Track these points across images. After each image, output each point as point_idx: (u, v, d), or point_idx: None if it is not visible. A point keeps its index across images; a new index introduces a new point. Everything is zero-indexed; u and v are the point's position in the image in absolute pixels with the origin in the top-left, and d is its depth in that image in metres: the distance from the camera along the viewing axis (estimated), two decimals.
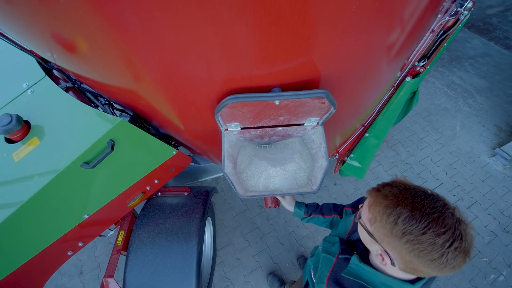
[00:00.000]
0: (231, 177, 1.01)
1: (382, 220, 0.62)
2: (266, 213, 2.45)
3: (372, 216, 0.65)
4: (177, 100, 0.91)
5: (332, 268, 0.84)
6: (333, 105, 0.86)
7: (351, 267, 0.79)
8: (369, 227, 0.68)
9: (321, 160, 1.07)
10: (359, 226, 0.76)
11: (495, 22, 4.24)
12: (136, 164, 1.23)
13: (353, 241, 0.91)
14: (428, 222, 0.56)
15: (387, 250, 0.64)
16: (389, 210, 0.61)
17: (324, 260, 0.91)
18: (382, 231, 0.62)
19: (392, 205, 0.61)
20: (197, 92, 0.82)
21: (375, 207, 0.65)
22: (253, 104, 0.83)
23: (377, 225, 0.64)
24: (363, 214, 0.72)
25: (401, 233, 0.58)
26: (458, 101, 3.25)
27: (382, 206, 0.62)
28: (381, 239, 0.64)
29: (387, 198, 0.63)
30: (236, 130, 1.07)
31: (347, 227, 0.96)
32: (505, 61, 3.68)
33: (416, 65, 1.48)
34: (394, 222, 0.59)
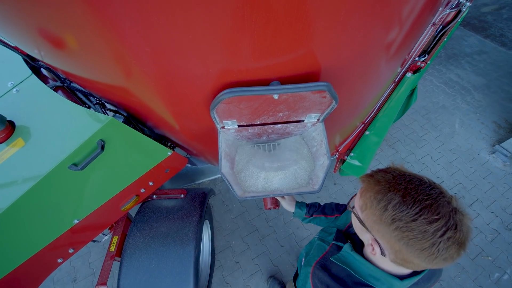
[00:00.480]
0: (228, 177, 0.96)
1: (372, 206, 0.58)
2: (265, 215, 2.40)
3: (363, 203, 0.62)
4: (170, 96, 0.86)
5: (323, 254, 0.82)
6: (334, 99, 0.82)
7: (341, 254, 0.77)
8: (360, 215, 0.64)
9: (322, 158, 1.02)
10: (352, 215, 0.72)
11: (490, 20, 4.26)
12: (129, 166, 1.17)
13: (350, 233, 0.87)
14: (419, 208, 0.52)
15: (377, 239, 0.60)
16: (380, 196, 0.57)
17: (317, 247, 0.89)
18: (372, 218, 0.59)
19: (384, 190, 0.57)
20: (191, 87, 0.77)
21: (366, 193, 0.61)
22: (251, 98, 0.79)
23: (367, 212, 0.60)
24: (355, 202, 0.68)
25: (391, 220, 0.54)
26: (456, 99, 3.23)
27: (373, 191, 0.58)
28: (371, 226, 0.60)
29: (379, 183, 0.59)
30: (233, 128, 1.02)
31: (348, 220, 0.93)
32: (502, 58, 3.68)
33: (416, 60, 1.45)
34: (384, 208, 0.55)
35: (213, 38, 0.61)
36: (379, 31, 0.81)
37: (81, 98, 1.29)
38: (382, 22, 0.78)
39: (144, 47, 0.63)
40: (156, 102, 0.92)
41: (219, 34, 0.60)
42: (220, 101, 0.75)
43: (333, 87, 0.76)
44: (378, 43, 0.86)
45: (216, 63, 0.68)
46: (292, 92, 0.73)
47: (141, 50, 0.63)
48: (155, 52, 0.64)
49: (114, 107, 1.36)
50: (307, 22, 0.61)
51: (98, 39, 0.64)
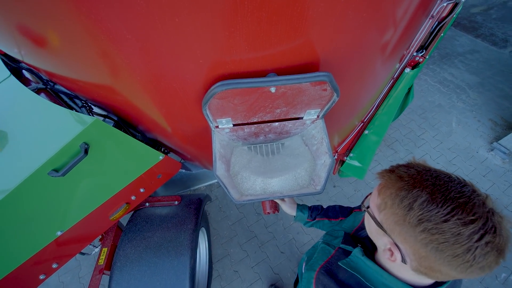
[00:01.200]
0: (224, 180, 0.89)
1: (394, 205, 0.51)
2: (264, 220, 2.32)
3: (381, 201, 0.54)
4: (159, 93, 0.79)
5: (328, 258, 0.75)
6: (336, 92, 0.76)
7: (351, 259, 0.69)
8: (378, 215, 0.56)
9: (323, 156, 0.96)
10: (366, 216, 0.64)
11: (480, 20, 4.32)
12: (118, 171, 1.09)
13: (360, 237, 0.81)
14: (452, 207, 0.45)
15: (397, 243, 0.53)
16: (403, 193, 0.50)
17: (321, 250, 0.81)
18: (392, 219, 0.51)
19: (407, 187, 0.50)
20: (180, 81, 0.71)
21: (386, 190, 0.53)
22: (246, 92, 0.73)
23: (387, 211, 0.53)
24: (371, 201, 0.61)
25: (417, 220, 0.47)
26: (451, 97, 3.23)
27: (395, 188, 0.51)
28: (391, 228, 0.53)
29: (401, 179, 0.52)
30: (227, 128, 0.96)
31: (355, 223, 0.86)
32: (493, 56, 3.71)
33: (415, 55, 1.42)
34: (408, 207, 0.48)
35: (203, 24, 0.55)
36: (379, 20, 0.76)
37: (66, 101, 1.21)
38: (383, 11, 0.73)
39: (127, 36, 0.56)
40: (144, 100, 0.85)
41: (210, 20, 0.54)
42: (212, 95, 0.69)
43: (334, 79, 0.70)
44: (379, 33, 0.82)
45: (207, 53, 0.62)
46: (290, 83, 0.68)
47: (124, 38, 0.57)
48: (139, 41, 0.57)
49: (103, 111, 1.29)
50: (306, 7, 0.55)
51: (81, 33, 0.58)
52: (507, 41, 3.94)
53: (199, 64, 0.64)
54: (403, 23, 0.87)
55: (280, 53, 0.67)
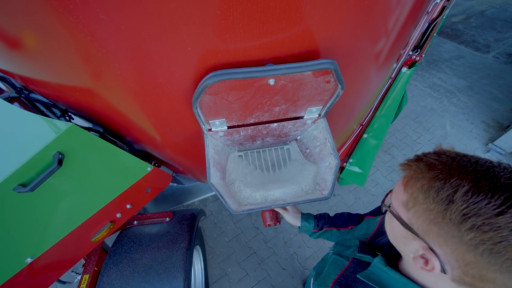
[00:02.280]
0: (219, 189, 0.79)
1: (428, 199, 0.41)
2: (263, 235, 2.18)
3: (410, 197, 0.45)
4: (143, 92, 0.70)
5: (342, 271, 0.64)
6: (340, 83, 0.69)
7: (371, 270, 0.59)
8: (405, 215, 0.47)
9: (328, 158, 0.88)
10: (388, 218, 0.54)
11: (461, 28, 4.49)
12: (99, 185, 0.98)
13: (378, 245, 0.71)
14: (506, 196, 0.35)
15: (434, 248, 0.43)
16: (439, 184, 0.40)
17: (333, 262, 0.70)
18: (426, 217, 0.42)
19: (443, 176, 0.41)
20: (167, 75, 0.62)
21: (415, 182, 0.44)
22: (242, 86, 0.65)
23: (418, 208, 0.43)
24: (394, 199, 0.51)
25: (461, 216, 0.37)
26: (443, 101, 3.26)
27: (427, 179, 0.42)
28: (424, 230, 0.43)
29: (433, 168, 0.42)
30: (221, 131, 0.87)
31: (369, 230, 0.76)
32: (478, 61, 3.82)
33: (410, 54, 1.39)
34: (447, 200, 0.39)
35: (190, 5, 0.47)
36: (381, 11, 0.71)
37: (43, 111, 1.11)
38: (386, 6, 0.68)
39: (100, 16, 0.48)
40: (127, 102, 0.76)
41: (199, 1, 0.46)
42: (204, 89, 0.60)
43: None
44: (381, 23, 0.76)
45: (196, 37, 0.54)
46: (292, 72, 0.60)
47: (97, 19, 0.48)
48: (114, 22, 0.49)
49: (88, 123, 1.18)
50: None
51: (61, 34, 0.50)
52: (489, 46, 4.08)
53: (187, 53, 0.56)
54: (403, 16, 0.82)
55: (280, 40, 0.59)
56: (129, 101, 0.74)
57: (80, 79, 0.68)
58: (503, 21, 4.65)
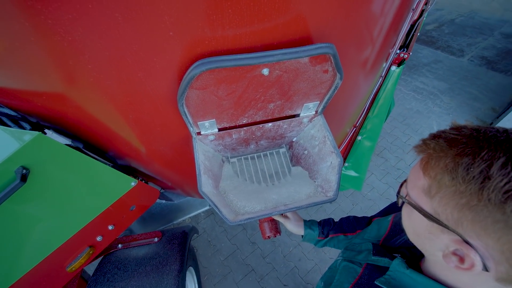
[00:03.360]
0: (212, 198, 0.70)
1: (456, 179, 0.34)
2: (260, 250, 2.05)
3: (432, 181, 0.38)
4: (122, 93, 0.62)
5: (356, 279, 0.56)
6: (339, 72, 0.64)
7: (390, 275, 0.50)
8: (428, 205, 0.39)
9: (329, 157, 0.81)
10: (406, 212, 0.46)
11: (436, 35, 4.73)
12: (74, 204, 0.86)
13: (392, 247, 0.63)
14: None
15: (469, 240, 0.35)
16: (467, 159, 0.33)
17: (344, 270, 0.62)
18: (456, 202, 0.34)
19: (470, 150, 0.34)
20: (146, 68, 0.55)
21: (437, 163, 0.37)
22: (233, 78, 0.58)
23: (444, 193, 0.36)
24: (411, 188, 0.43)
25: (502, 194, 0.31)
26: (427, 103, 3.33)
27: (450, 156, 0.35)
28: (455, 219, 0.35)
29: (456, 143, 0.36)
30: (212, 134, 0.79)
31: (381, 231, 0.68)
32: (455, 64, 3.99)
33: (398, 52, 1.39)
34: (482, 177, 0.32)
35: None
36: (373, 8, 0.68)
37: (10, 126, 0.99)
38: None
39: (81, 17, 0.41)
40: (104, 105, 0.67)
41: None
42: (190, 81, 0.53)
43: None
44: (374, 15, 0.73)
45: (179, 22, 0.47)
46: (288, 58, 0.54)
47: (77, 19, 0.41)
48: (82, 3, 0.42)
49: (66, 140, 1.07)
50: None
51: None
52: (463, 51, 4.30)
53: (169, 39, 0.49)
54: (392, 12, 0.80)
55: (274, 25, 0.54)
56: (105, 104, 0.65)
57: (42, 79, 0.60)
58: (472, 28, 4.94)
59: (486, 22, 5.11)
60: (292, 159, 1.01)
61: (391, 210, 0.76)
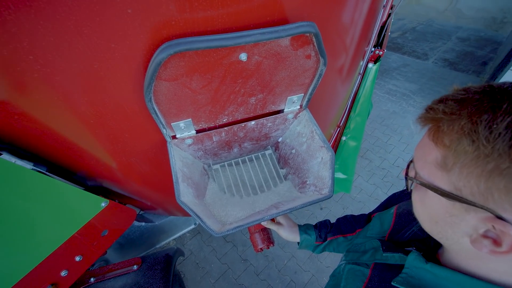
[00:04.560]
0: (194, 208, 0.61)
1: (478, 141, 0.28)
2: (253, 267, 1.92)
3: (447, 150, 0.32)
4: (79, 90, 0.53)
5: (366, 283, 0.49)
6: (322, 56, 0.59)
7: (408, 273, 0.43)
8: (445, 181, 0.33)
9: (319, 153, 0.75)
10: (417, 198, 0.40)
11: (401, 42, 5.04)
12: (29, 234, 0.72)
13: (401, 242, 0.55)
14: None
15: (504, 215, 0.29)
16: (487, 115, 0.28)
17: (350, 274, 0.55)
18: (481, 168, 0.28)
19: (488, 105, 0.29)
20: (106, 59, 0.46)
21: (450, 127, 0.31)
22: (207, 65, 0.51)
23: (464, 161, 0.30)
24: (421, 166, 0.37)
25: None
26: (402, 104, 3.46)
27: (465, 116, 0.30)
28: (483, 191, 0.29)
29: (468, 102, 0.31)
30: (189, 137, 0.71)
31: (384, 226, 0.61)
32: (422, 67, 4.24)
33: (373, 50, 1.41)
34: (510, 132, 0.27)
35: None
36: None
37: None
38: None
39: None
40: (58, 109, 0.57)
41: None
42: (157, 68, 0.45)
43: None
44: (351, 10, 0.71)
45: (140, 0, 0.40)
46: (267, 39, 0.48)
47: None
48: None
49: (27, 163, 0.92)
50: None
51: None
52: (427, 54, 4.60)
53: (127, 18, 0.42)
54: (365, 10, 0.80)
55: (250, 5, 0.48)
56: (59, 108, 0.55)
57: None
58: (432, 34, 5.34)
59: (443, 28, 5.55)
60: (279, 161, 0.95)
61: (390, 203, 0.71)
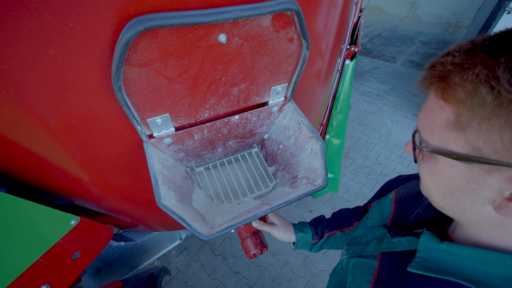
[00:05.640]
0: (178, 212, 0.54)
1: (498, 87, 0.25)
2: (246, 279, 1.82)
3: (460, 106, 0.29)
4: (34, 85, 0.45)
5: (375, 275, 0.45)
6: (305, 38, 0.57)
7: (422, 257, 0.39)
8: (461, 142, 0.30)
9: (308, 144, 0.72)
10: (427, 170, 0.36)
11: (370, 47, 5.33)
12: None
13: (406, 227, 0.52)
14: None
15: None
16: (504, 59, 0.25)
17: (357, 268, 0.50)
18: (506, 118, 0.25)
19: (504, 48, 0.26)
20: (63, 41, 0.40)
21: (463, 77, 0.28)
22: (184, 48, 0.46)
23: (483, 114, 0.27)
24: (429, 133, 0.34)
25: None
26: (377, 104, 3.60)
27: (479, 63, 0.27)
28: (508, 144, 0.26)
29: (477, 50, 0.28)
30: (168, 135, 0.65)
31: (385, 213, 0.57)
32: (391, 69, 4.48)
33: (349, 47, 1.44)
34: None
35: None
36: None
37: None
38: None
39: None
40: (10, 109, 0.49)
41: None
42: (125, 48, 0.40)
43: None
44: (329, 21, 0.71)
45: None
46: (246, 16, 0.45)
47: None
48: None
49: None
50: None
51: None
52: (394, 57, 4.88)
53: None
54: (338, 11, 0.81)
55: None
56: (11, 107, 0.47)
57: None
58: (397, 39, 5.70)
59: (406, 33, 5.96)
60: (266, 159, 0.90)
61: (386, 190, 0.68)
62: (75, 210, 0.95)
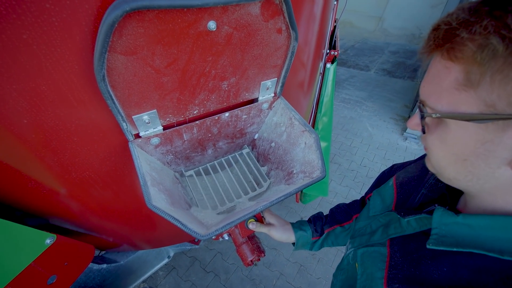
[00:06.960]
0: (172, 213, 0.50)
1: (510, 35, 0.24)
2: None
3: (470, 63, 0.27)
4: (5, 78, 0.41)
5: (388, 262, 0.43)
6: (293, 29, 0.57)
7: (438, 233, 0.37)
8: (473, 102, 0.28)
9: (302, 138, 0.71)
10: (435, 138, 0.35)
11: (344, 58, 5.61)
12: None
13: (412, 208, 0.49)
14: None
15: None
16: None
17: (366, 258, 0.49)
18: None
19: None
20: (40, 28, 0.37)
21: (471, 31, 0.27)
22: (172, 35, 0.44)
23: (496, 67, 0.25)
24: (436, 99, 0.32)
25: None
26: (356, 110, 3.74)
27: (485, 15, 0.26)
28: None
29: (485, 2, 0.27)
30: (155, 134, 0.61)
31: (387, 201, 0.55)
32: (366, 77, 4.71)
33: (329, 51, 1.49)
34: None
35: None
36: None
37: None
38: None
39: None
40: None
41: None
42: (109, 32, 0.37)
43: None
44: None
45: None
46: (236, 1, 0.44)
47: None
48: None
49: None
50: None
51: None
52: (368, 66, 5.17)
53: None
54: (318, 16, 0.84)
55: None
56: None
57: None
58: (368, 50, 6.07)
59: (376, 45, 6.36)
60: (258, 159, 0.88)
61: (382, 180, 0.68)
62: (51, 229, 0.86)
